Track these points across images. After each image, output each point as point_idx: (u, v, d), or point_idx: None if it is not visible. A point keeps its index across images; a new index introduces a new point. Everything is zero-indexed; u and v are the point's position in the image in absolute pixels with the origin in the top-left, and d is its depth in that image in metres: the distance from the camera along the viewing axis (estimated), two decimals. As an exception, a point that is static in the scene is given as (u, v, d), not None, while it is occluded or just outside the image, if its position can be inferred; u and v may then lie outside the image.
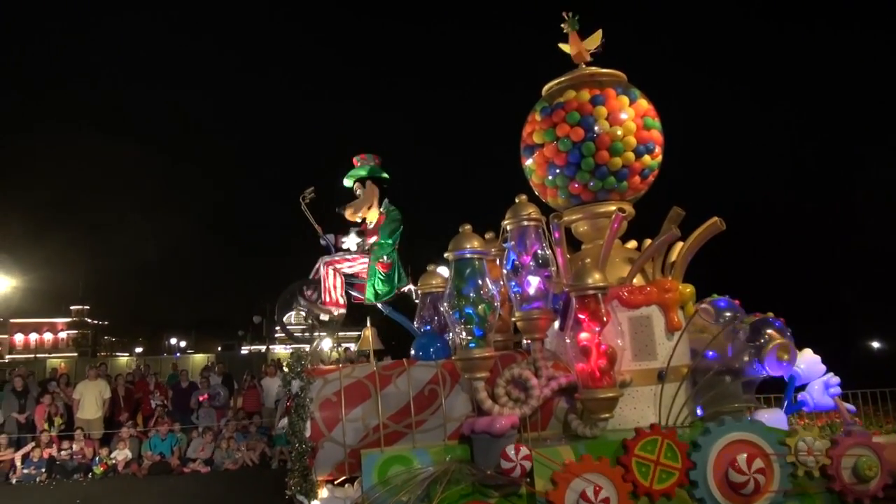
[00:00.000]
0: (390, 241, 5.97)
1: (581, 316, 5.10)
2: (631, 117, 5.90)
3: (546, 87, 6.38)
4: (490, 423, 4.91)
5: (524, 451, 4.64)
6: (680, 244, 6.15)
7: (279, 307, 6.09)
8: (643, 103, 6.06)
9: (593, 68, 6.28)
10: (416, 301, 6.27)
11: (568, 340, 5.10)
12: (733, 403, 5.50)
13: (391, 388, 5.48)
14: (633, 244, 6.50)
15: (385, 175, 6.17)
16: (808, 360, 6.14)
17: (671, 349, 5.53)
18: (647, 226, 6.23)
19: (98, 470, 11.14)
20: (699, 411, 5.47)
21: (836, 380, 6.25)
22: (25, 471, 11.33)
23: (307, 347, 5.98)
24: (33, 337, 65.62)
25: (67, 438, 11.65)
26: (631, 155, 5.90)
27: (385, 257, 5.92)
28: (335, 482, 5.78)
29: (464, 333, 5.23)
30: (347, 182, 6.29)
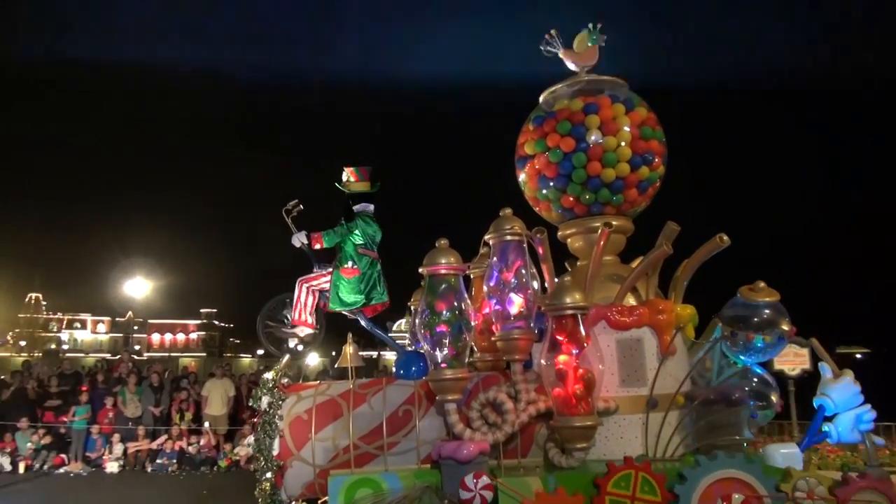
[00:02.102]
0: (353, 247, 5.76)
1: (558, 337, 4.78)
2: (626, 126, 5.54)
3: (542, 95, 6.10)
4: (456, 448, 4.64)
5: (485, 480, 4.35)
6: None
7: (260, 319, 6.00)
8: (641, 112, 5.69)
9: (593, 75, 5.95)
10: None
11: (543, 363, 4.78)
12: (732, 435, 5.04)
13: (364, 407, 5.30)
14: (638, 262, 6.11)
15: (364, 189, 5.97)
16: (842, 388, 5.55)
17: (665, 375, 5.12)
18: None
19: (223, 463, 12.14)
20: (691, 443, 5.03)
21: (871, 413, 5.62)
22: (159, 461, 12.46)
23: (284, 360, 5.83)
24: (168, 337, 72.46)
25: (196, 433, 12.85)
26: (626, 166, 5.53)
27: (350, 263, 5.74)
28: None
29: (436, 353, 5.01)
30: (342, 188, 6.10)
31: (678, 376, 5.18)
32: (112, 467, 12.51)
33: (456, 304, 5.02)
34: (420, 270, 5.10)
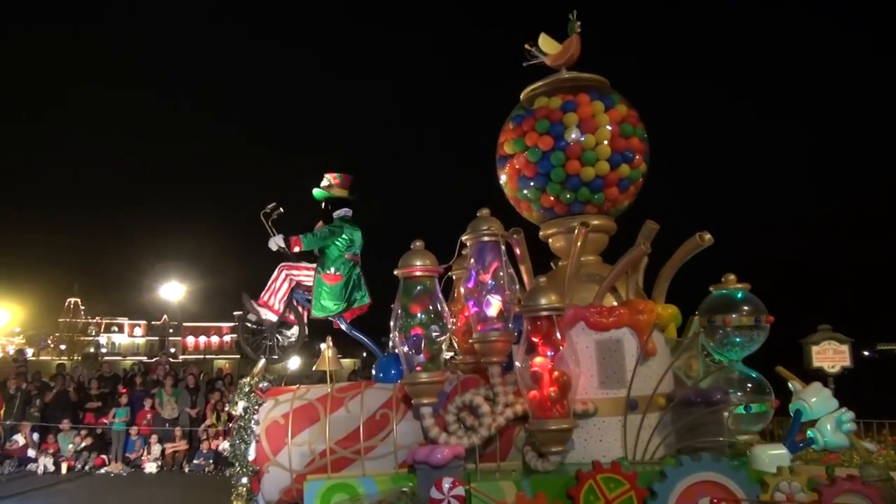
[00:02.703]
0: (337, 252, 5.70)
1: (533, 339, 4.71)
2: (606, 124, 5.46)
3: (523, 93, 6.03)
4: (430, 452, 4.57)
5: (452, 483, 4.29)
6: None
7: (240, 320, 5.97)
8: (622, 109, 5.60)
9: (574, 73, 5.87)
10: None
11: (518, 365, 4.71)
12: (713, 437, 4.94)
13: (341, 411, 5.24)
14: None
15: (343, 196, 5.92)
16: (814, 391, 5.48)
17: (646, 376, 5.04)
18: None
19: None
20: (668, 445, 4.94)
21: (849, 415, 5.55)
22: (196, 461, 12.77)
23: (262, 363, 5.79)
24: (202, 340, 73.45)
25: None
26: (606, 164, 5.45)
27: (332, 269, 5.68)
28: None
29: (411, 356, 4.95)
30: (318, 196, 6.07)
31: (659, 378, 5.08)
32: (150, 468, 13.04)
33: (431, 306, 4.96)
34: (395, 272, 5.05)
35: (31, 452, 13.17)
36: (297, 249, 5.75)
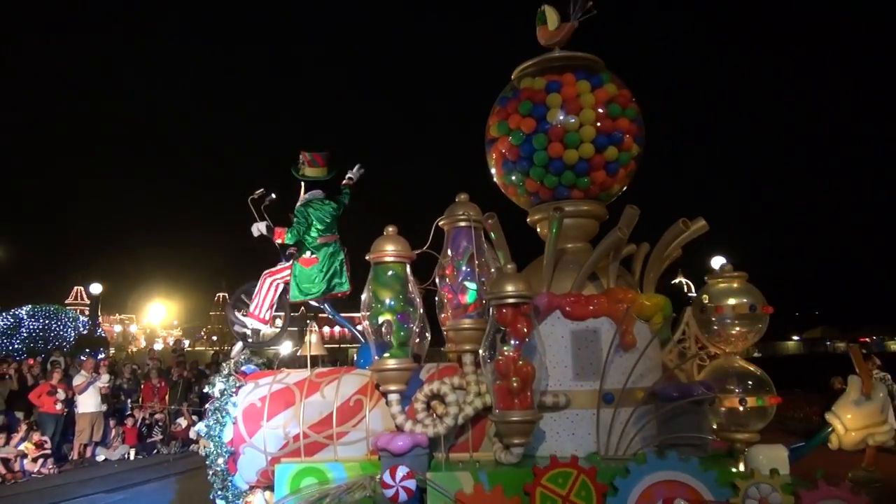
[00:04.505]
0: (310, 239, 5.67)
1: (499, 328, 4.57)
2: (590, 105, 5.21)
3: (514, 73, 5.83)
4: (390, 440, 4.53)
5: (406, 473, 4.22)
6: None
7: (227, 308, 6.06)
8: (610, 88, 5.32)
9: (565, 52, 5.63)
10: None
11: (482, 354, 4.58)
12: (693, 434, 4.68)
13: (317, 396, 5.25)
14: (630, 249, 5.77)
15: (319, 176, 5.85)
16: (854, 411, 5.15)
17: (624, 369, 4.81)
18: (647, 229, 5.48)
19: None
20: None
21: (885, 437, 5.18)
22: None
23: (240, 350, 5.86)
24: (336, 329, 76.91)
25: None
26: (590, 147, 5.20)
27: (308, 253, 5.65)
28: None
29: (380, 342, 4.91)
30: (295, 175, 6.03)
31: (640, 371, 4.85)
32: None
33: (401, 293, 4.90)
34: (367, 258, 5.01)
35: (193, 434, 13.90)
36: (279, 241, 5.74)
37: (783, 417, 13.83)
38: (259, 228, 5.77)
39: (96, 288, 30.42)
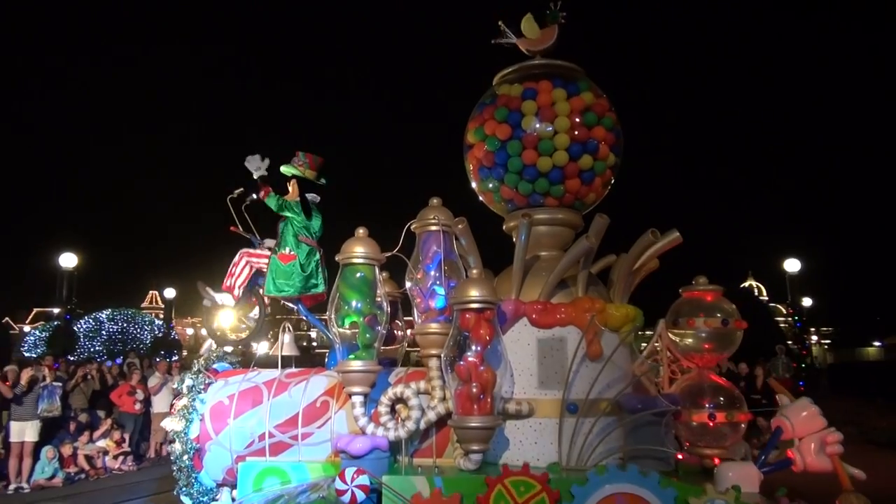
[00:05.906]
0: (292, 233, 5.67)
1: (462, 333, 4.55)
2: (565, 113, 5.19)
3: (495, 79, 5.83)
4: (349, 442, 4.54)
5: (360, 476, 4.22)
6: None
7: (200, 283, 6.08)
8: (587, 97, 5.31)
9: (546, 59, 5.62)
10: None
11: (443, 358, 4.57)
12: (656, 446, 4.64)
13: (284, 396, 5.26)
14: (610, 259, 5.75)
15: (308, 178, 5.84)
16: (798, 412, 5.04)
17: (589, 379, 4.78)
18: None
19: None
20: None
21: (835, 436, 5.07)
22: None
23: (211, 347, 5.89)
24: None
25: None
26: (564, 155, 5.19)
27: (287, 249, 5.66)
28: None
29: (345, 344, 4.92)
30: (285, 171, 6.02)
31: (605, 381, 4.81)
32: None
33: (369, 295, 4.91)
34: (336, 258, 5.02)
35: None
36: (262, 194, 5.69)
37: (865, 427, 12.86)
38: (254, 165, 5.68)
39: (170, 292, 31.36)
